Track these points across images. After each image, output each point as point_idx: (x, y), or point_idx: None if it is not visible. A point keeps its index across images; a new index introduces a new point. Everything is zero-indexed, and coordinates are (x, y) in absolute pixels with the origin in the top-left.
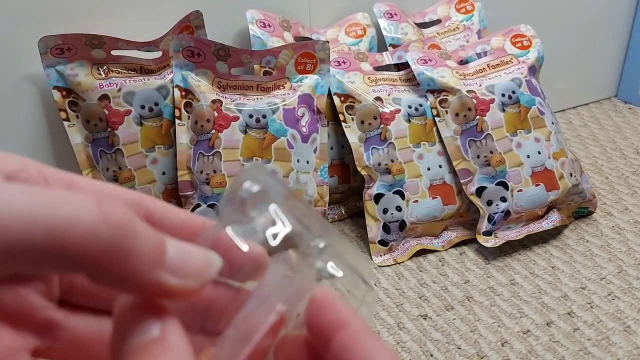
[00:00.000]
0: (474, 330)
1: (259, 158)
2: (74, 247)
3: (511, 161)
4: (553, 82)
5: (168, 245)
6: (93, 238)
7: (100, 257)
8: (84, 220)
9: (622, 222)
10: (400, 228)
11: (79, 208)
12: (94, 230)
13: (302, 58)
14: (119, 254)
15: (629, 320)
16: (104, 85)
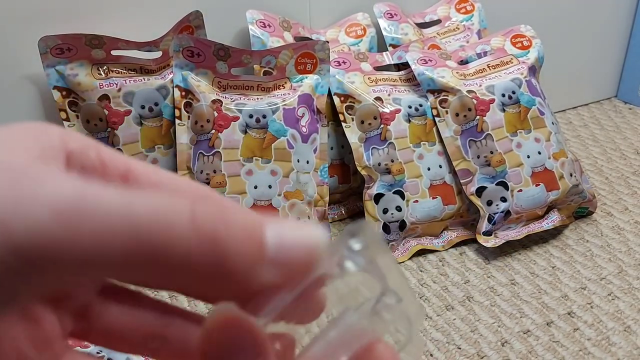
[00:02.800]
0: (474, 330)
1: (259, 158)
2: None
3: (511, 161)
4: (553, 82)
5: (267, 231)
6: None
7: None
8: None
9: (622, 222)
10: (400, 228)
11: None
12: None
13: (302, 58)
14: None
15: (629, 321)
16: (104, 85)
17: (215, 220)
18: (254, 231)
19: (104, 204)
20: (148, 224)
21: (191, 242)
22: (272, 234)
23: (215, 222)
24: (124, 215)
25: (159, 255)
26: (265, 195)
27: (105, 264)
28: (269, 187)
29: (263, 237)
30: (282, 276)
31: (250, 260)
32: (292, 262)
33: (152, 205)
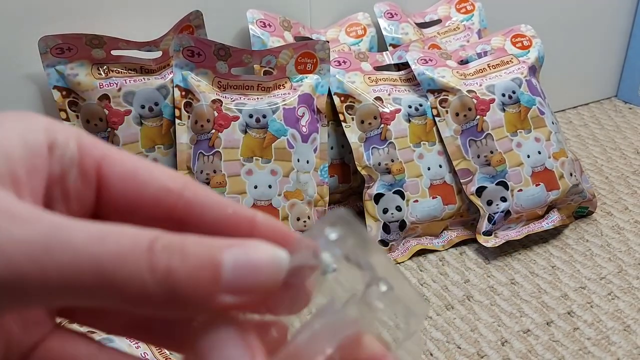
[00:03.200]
0: (474, 330)
1: (259, 158)
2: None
3: (511, 161)
4: (553, 82)
5: (224, 261)
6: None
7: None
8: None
9: (622, 222)
10: (400, 228)
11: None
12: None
13: (303, 58)
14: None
15: (629, 320)
16: (104, 85)
17: (171, 254)
18: (210, 261)
19: (71, 246)
20: (110, 264)
21: (146, 279)
22: (230, 259)
23: (171, 256)
24: (88, 256)
25: (118, 291)
26: (265, 195)
27: (69, 296)
28: (269, 187)
29: (219, 267)
30: (241, 300)
31: (204, 291)
32: (250, 287)
33: (114, 244)
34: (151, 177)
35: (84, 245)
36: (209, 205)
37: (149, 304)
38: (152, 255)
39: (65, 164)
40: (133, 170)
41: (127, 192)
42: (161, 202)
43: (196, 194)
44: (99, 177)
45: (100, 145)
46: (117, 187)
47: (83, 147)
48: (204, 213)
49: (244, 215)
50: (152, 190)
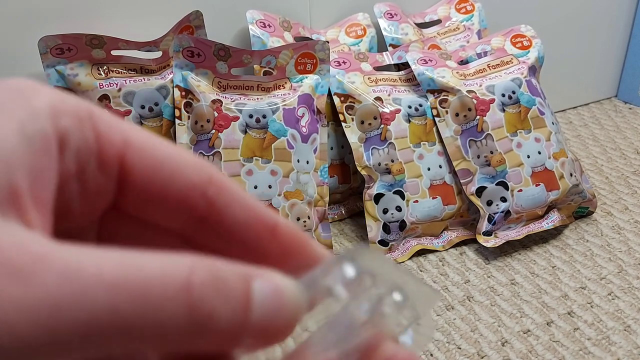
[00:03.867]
0: (474, 330)
1: (259, 158)
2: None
3: (511, 161)
4: (553, 82)
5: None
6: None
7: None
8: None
9: (622, 222)
10: (400, 228)
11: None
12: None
13: (302, 58)
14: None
15: (629, 320)
16: (104, 85)
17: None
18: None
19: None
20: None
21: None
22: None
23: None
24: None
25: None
26: (265, 196)
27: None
28: (269, 187)
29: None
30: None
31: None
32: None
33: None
34: (177, 170)
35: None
36: (232, 205)
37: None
38: (192, 295)
39: (81, 156)
40: (158, 162)
41: (151, 186)
42: (185, 197)
43: (220, 192)
44: (120, 168)
45: (118, 126)
46: (140, 181)
47: (100, 132)
48: (225, 214)
49: (266, 220)
50: (176, 186)
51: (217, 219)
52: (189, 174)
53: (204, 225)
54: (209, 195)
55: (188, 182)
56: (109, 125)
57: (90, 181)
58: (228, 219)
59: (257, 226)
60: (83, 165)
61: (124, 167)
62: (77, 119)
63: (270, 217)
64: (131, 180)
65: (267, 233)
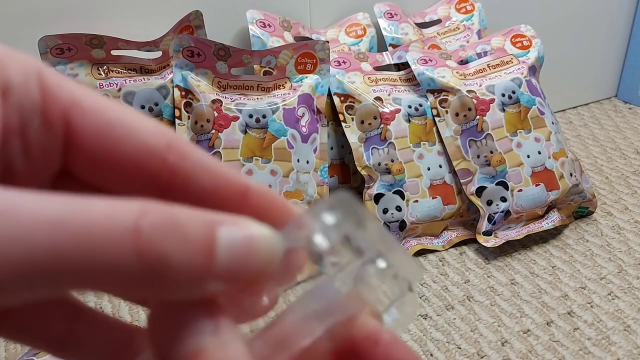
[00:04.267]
0: (474, 330)
1: (259, 158)
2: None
3: (511, 161)
4: (553, 82)
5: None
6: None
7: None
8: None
9: (622, 222)
10: (400, 228)
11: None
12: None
13: (302, 58)
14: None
15: (629, 320)
16: (104, 85)
17: (165, 236)
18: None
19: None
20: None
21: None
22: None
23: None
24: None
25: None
26: None
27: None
28: (269, 187)
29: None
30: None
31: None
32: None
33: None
34: (130, 133)
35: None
36: (197, 172)
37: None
38: (140, 236)
39: (25, 111)
40: (108, 124)
41: (101, 149)
42: (142, 163)
43: (182, 158)
44: (66, 128)
45: (67, 85)
46: (89, 143)
47: (47, 90)
48: (190, 181)
49: (236, 185)
50: (130, 151)
51: (181, 188)
52: (144, 138)
53: (167, 194)
54: (169, 161)
55: (142, 146)
56: (57, 84)
57: (34, 139)
58: (194, 187)
59: (227, 193)
60: (26, 121)
61: (71, 127)
62: (23, 73)
63: (240, 181)
64: (79, 142)
65: (238, 199)
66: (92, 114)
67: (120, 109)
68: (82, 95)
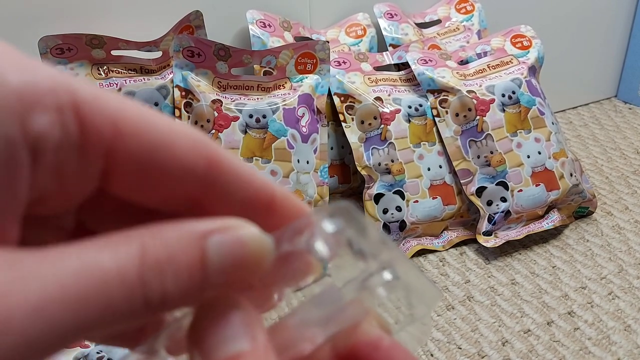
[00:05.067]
0: (474, 330)
1: (259, 158)
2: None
3: (511, 161)
4: (553, 82)
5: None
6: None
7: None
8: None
9: (622, 222)
10: (400, 228)
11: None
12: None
13: (303, 58)
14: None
15: (630, 320)
16: (104, 85)
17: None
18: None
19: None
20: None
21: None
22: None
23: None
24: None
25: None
26: None
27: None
28: None
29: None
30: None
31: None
32: (236, 274)
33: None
34: (171, 155)
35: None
36: (230, 183)
37: (134, 324)
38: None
39: (61, 155)
40: (149, 149)
41: (141, 173)
42: (181, 181)
43: (219, 172)
44: (108, 156)
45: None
46: (128, 168)
47: (86, 124)
48: (222, 192)
49: (263, 192)
50: (173, 173)
51: (213, 198)
52: (185, 158)
53: (199, 204)
54: (208, 178)
55: (183, 167)
56: (96, 111)
57: (71, 173)
58: (225, 197)
59: (255, 201)
60: (62, 160)
61: (112, 155)
62: (56, 111)
63: (267, 189)
64: (119, 168)
65: (265, 206)
66: (133, 139)
67: (161, 125)
68: (124, 118)
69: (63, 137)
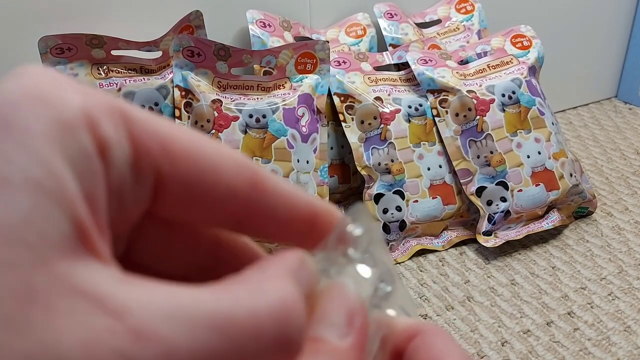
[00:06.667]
0: (474, 330)
1: (259, 158)
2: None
3: (511, 161)
4: (553, 83)
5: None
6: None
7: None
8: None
9: (622, 223)
10: (400, 228)
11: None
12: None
13: (302, 58)
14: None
15: (629, 321)
16: (104, 85)
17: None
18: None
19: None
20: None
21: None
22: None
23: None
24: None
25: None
26: None
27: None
28: None
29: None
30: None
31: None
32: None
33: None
34: (219, 177)
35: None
36: (273, 203)
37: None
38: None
39: (120, 169)
40: (198, 171)
41: (188, 195)
42: (226, 203)
43: (263, 193)
44: (157, 177)
45: (155, 129)
46: (177, 190)
47: (137, 141)
48: (266, 213)
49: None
50: (218, 195)
51: (257, 219)
52: (232, 181)
53: (243, 225)
54: (252, 200)
55: (230, 189)
56: (144, 129)
57: (128, 195)
58: (269, 218)
59: (299, 221)
60: (122, 176)
61: (161, 176)
62: (114, 124)
63: (309, 207)
64: (168, 189)
65: (308, 226)
66: (183, 162)
67: (209, 147)
68: (171, 139)
69: (120, 151)
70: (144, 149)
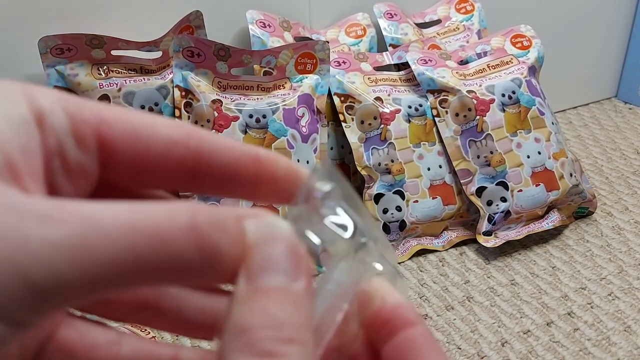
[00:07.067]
0: (474, 331)
1: None
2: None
3: (511, 161)
4: (553, 82)
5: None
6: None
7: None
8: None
9: (622, 222)
10: (400, 228)
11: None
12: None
13: (302, 58)
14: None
15: (629, 321)
16: (104, 85)
17: (216, 231)
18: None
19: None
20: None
21: (192, 258)
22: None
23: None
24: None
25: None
26: None
27: (108, 290)
28: None
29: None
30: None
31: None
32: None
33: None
34: (154, 132)
35: (121, 235)
36: (216, 150)
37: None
38: (198, 233)
39: (59, 134)
40: (134, 130)
41: (132, 154)
42: (169, 156)
43: (202, 141)
44: (98, 142)
45: (89, 107)
46: (121, 151)
47: (72, 113)
48: (212, 159)
49: (249, 154)
50: (159, 147)
51: (207, 168)
52: (167, 132)
53: (197, 178)
54: (192, 147)
55: (167, 139)
56: (79, 107)
57: (72, 158)
58: (217, 164)
59: (244, 162)
60: (61, 142)
61: (103, 141)
62: (49, 101)
63: (250, 150)
64: (111, 152)
65: (253, 167)
66: (118, 124)
67: (141, 114)
68: (105, 110)
69: (56, 119)
70: (79, 117)
